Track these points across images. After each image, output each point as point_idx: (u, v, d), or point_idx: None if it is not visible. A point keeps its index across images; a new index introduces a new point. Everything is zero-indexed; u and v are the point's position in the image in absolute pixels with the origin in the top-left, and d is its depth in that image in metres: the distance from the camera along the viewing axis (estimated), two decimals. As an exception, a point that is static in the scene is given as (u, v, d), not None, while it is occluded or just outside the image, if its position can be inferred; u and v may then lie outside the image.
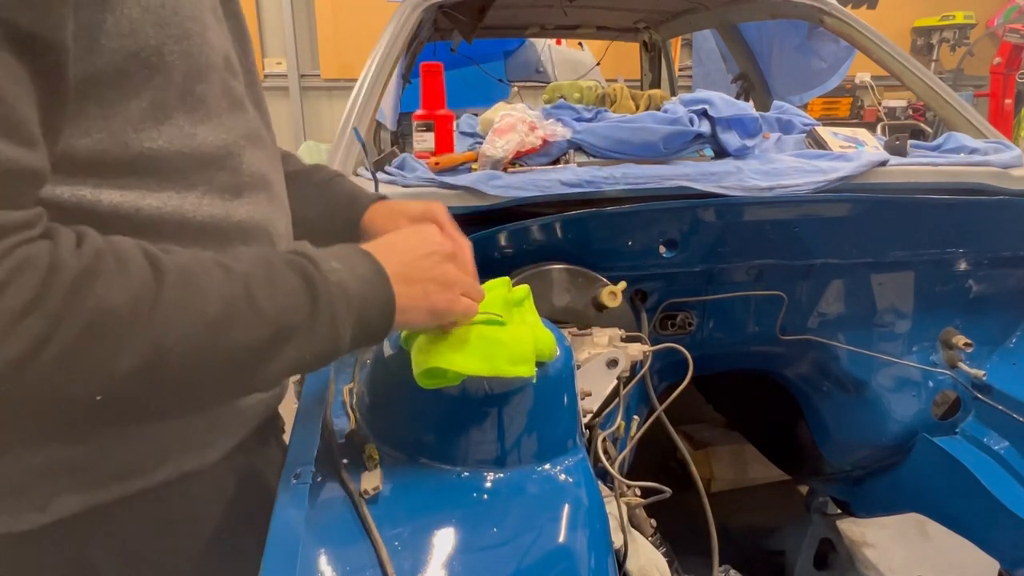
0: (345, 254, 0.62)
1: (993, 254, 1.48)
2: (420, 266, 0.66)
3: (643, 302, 1.39)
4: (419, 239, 0.69)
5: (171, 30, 0.57)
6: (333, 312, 0.58)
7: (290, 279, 0.57)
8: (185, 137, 0.61)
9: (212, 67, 0.63)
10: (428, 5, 1.81)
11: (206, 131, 0.63)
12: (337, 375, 0.85)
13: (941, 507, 1.47)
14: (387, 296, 0.62)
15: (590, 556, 0.65)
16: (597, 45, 3.89)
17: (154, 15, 0.55)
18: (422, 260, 0.66)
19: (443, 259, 0.68)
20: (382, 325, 0.63)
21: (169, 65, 0.57)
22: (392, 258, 0.64)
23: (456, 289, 0.67)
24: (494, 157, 1.37)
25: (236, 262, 0.56)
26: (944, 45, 7.09)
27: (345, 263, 0.61)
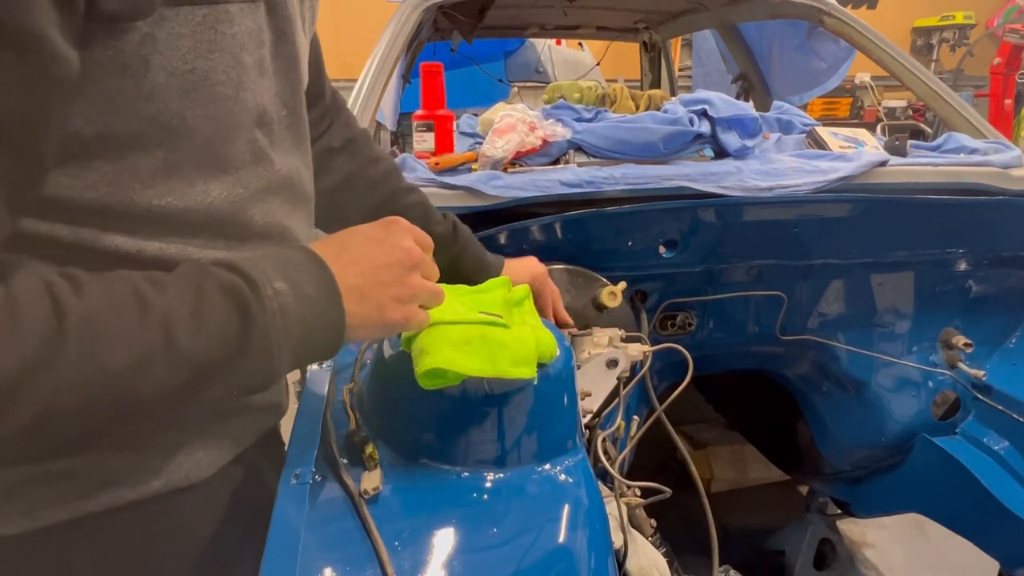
0: (297, 266, 0.58)
1: (993, 254, 1.49)
2: (380, 279, 0.61)
3: (643, 302, 1.39)
4: (384, 246, 0.63)
5: (198, 95, 0.56)
6: (268, 343, 0.54)
7: (220, 310, 0.52)
8: (197, 194, 0.59)
9: (240, 127, 0.61)
10: (428, 5, 1.81)
11: (220, 188, 0.61)
12: (337, 375, 0.85)
13: (941, 507, 1.48)
14: (336, 318, 0.58)
15: (590, 556, 0.65)
16: (597, 45, 3.89)
17: (180, 80, 0.54)
18: (383, 272, 0.62)
19: (407, 270, 0.63)
20: (327, 347, 0.60)
21: (191, 129, 0.57)
22: (351, 269, 0.60)
23: (416, 302, 0.64)
24: (494, 157, 1.37)
25: (160, 292, 0.51)
26: (944, 45, 7.10)
27: (293, 281, 0.56)
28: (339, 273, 0.59)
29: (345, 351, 0.90)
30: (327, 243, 0.62)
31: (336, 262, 0.59)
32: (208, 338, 0.51)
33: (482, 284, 0.85)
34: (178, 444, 0.66)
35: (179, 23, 0.53)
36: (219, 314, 0.52)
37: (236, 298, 0.53)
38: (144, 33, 0.51)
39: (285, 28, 0.66)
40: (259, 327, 0.53)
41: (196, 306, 0.51)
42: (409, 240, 0.65)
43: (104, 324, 0.48)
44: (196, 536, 0.70)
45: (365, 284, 0.60)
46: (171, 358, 0.50)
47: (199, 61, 0.55)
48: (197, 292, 0.52)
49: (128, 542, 0.65)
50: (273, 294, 0.54)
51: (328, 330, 0.58)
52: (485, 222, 1.23)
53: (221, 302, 0.52)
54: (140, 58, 0.51)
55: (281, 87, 0.68)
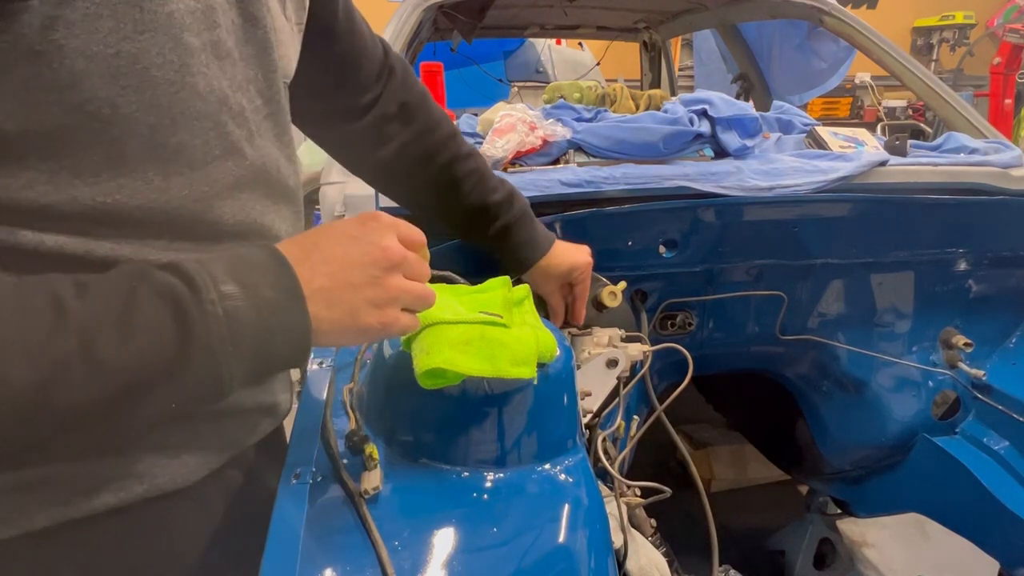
0: (254, 267, 0.53)
1: (993, 254, 1.49)
2: (352, 280, 0.56)
3: (643, 302, 1.39)
4: (359, 244, 0.57)
5: (129, 80, 0.51)
6: (211, 352, 0.49)
7: (153, 317, 0.47)
8: (154, 191, 0.55)
9: (197, 114, 0.56)
10: (428, 5, 1.81)
11: (182, 183, 0.56)
12: (337, 375, 0.85)
13: (941, 507, 1.48)
14: (299, 323, 0.53)
15: (590, 556, 0.65)
16: (597, 45, 3.89)
17: (105, 65, 0.49)
18: (356, 272, 0.56)
19: (384, 271, 0.57)
20: (292, 354, 0.55)
21: (128, 118, 0.52)
22: (319, 269, 0.55)
23: (395, 306, 0.58)
24: (494, 157, 1.37)
25: (81, 298, 0.46)
26: (944, 45, 7.10)
27: (247, 283, 0.51)
28: (306, 274, 0.54)
29: (345, 351, 0.90)
30: (295, 241, 0.58)
31: (304, 262, 0.55)
32: (137, 348, 0.47)
33: (482, 284, 0.85)
34: (163, 448, 0.62)
35: (93, 2, 0.48)
36: (152, 321, 0.47)
37: (173, 303, 0.48)
38: (46, 15, 0.46)
39: (253, 11, 0.63)
40: (199, 335, 0.48)
41: (124, 312, 0.47)
42: (389, 238, 0.59)
43: (4, 334, 0.44)
44: (186, 542, 0.67)
45: (335, 286, 0.55)
46: (90, 371, 0.45)
47: (125, 43, 0.50)
48: (128, 297, 0.48)
49: (114, 548, 0.62)
50: (218, 298, 0.49)
51: (291, 336, 0.53)
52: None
53: (155, 308, 0.48)
54: (51, 43, 0.47)
55: (253, 74, 0.64)
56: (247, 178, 0.63)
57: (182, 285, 0.49)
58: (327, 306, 0.54)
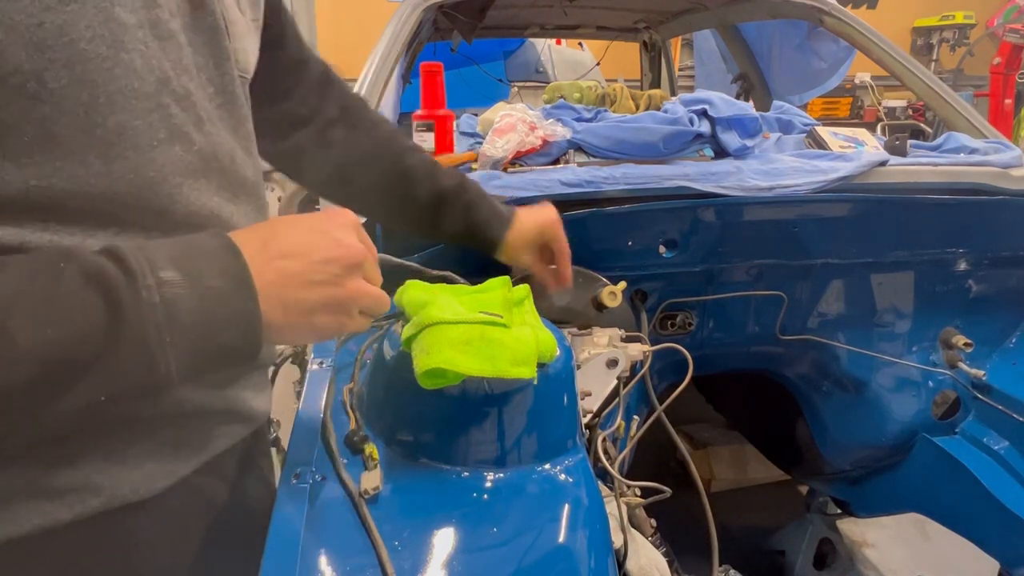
0: (201, 254, 0.50)
1: (993, 254, 1.49)
2: (310, 278, 0.53)
3: (643, 302, 1.39)
4: (322, 238, 0.55)
5: (56, 53, 0.48)
6: (145, 339, 0.46)
7: (79, 299, 0.45)
8: (94, 175, 0.51)
9: (135, 94, 0.53)
10: (428, 5, 1.81)
11: (125, 168, 0.53)
12: (337, 375, 0.85)
13: (941, 507, 1.48)
14: (246, 314, 0.50)
15: (590, 556, 0.65)
16: (597, 45, 3.89)
17: (27, 36, 0.46)
18: (316, 269, 0.54)
19: (345, 270, 0.55)
20: (241, 346, 0.51)
21: (56, 93, 0.48)
22: (274, 264, 0.52)
23: (352, 309, 0.56)
24: (494, 157, 1.37)
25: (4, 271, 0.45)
26: (944, 45, 7.10)
27: (189, 270, 0.49)
28: (260, 266, 0.51)
29: (344, 351, 0.90)
30: (252, 230, 0.55)
31: (260, 253, 0.52)
32: (58, 333, 0.44)
33: (482, 284, 0.85)
34: (123, 457, 0.58)
35: None
36: (77, 305, 0.45)
37: (103, 287, 0.45)
38: None
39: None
40: (130, 322, 0.46)
41: (46, 294, 0.44)
42: (352, 236, 0.56)
43: None
44: (155, 555, 0.63)
45: (292, 282, 0.53)
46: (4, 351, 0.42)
47: (48, 14, 0.47)
48: (52, 278, 0.45)
49: (68, 567, 0.57)
50: (155, 284, 0.47)
51: (238, 327, 0.50)
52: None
53: (82, 291, 0.45)
54: None
55: (203, 61, 0.61)
56: (197, 165, 0.59)
57: (115, 268, 0.46)
58: (281, 303, 0.52)
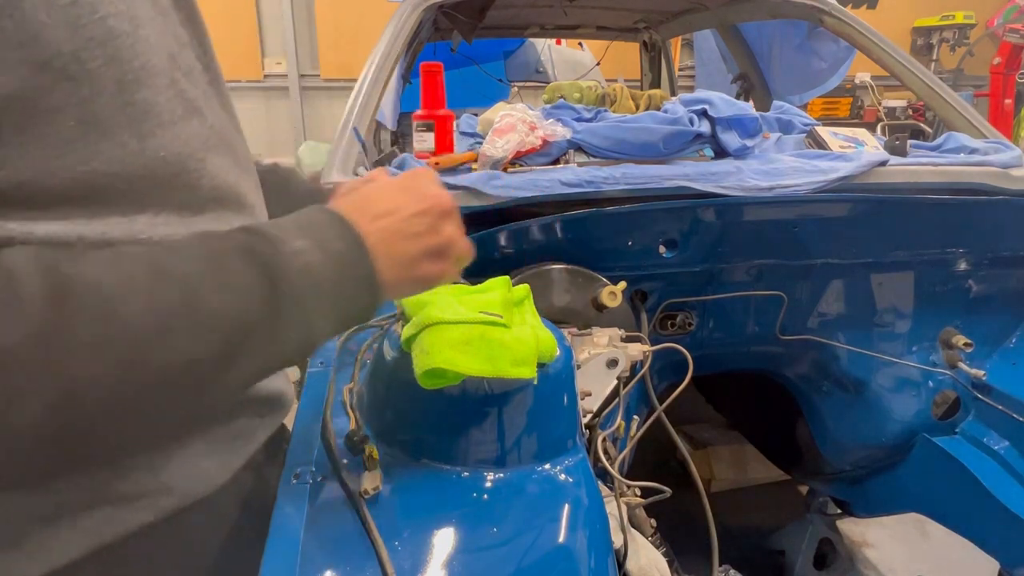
0: (315, 224, 0.53)
1: (993, 254, 1.49)
2: (410, 231, 0.56)
3: (643, 302, 1.39)
4: (411, 194, 0.58)
5: (90, 31, 0.48)
6: (301, 304, 0.50)
7: (242, 273, 0.48)
8: (130, 155, 0.52)
9: (154, 70, 0.53)
10: (428, 5, 1.81)
11: (156, 145, 0.54)
12: (337, 375, 0.85)
13: (941, 507, 1.48)
14: (367, 274, 0.53)
15: (590, 556, 0.65)
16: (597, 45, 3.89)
17: (64, 15, 0.46)
18: (414, 222, 0.56)
19: (437, 218, 0.57)
20: (365, 306, 0.55)
21: (94, 73, 0.48)
22: (375, 224, 0.54)
23: (451, 254, 0.59)
24: (494, 157, 1.37)
25: (173, 258, 0.47)
26: (944, 45, 7.10)
27: (314, 238, 0.52)
28: (363, 228, 0.54)
29: (345, 351, 0.90)
30: (347, 198, 0.57)
31: (360, 216, 0.54)
32: (235, 299, 0.47)
33: (482, 284, 0.85)
34: (188, 454, 0.61)
35: None
36: (241, 277, 0.48)
37: (258, 260, 0.49)
38: None
39: None
40: (286, 287, 0.49)
41: (216, 270, 0.47)
42: (436, 187, 0.59)
43: (113, 291, 0.44)
44: (211, 548, 0.66)
45: (394, 238, 0.55)
46: (193, 326, 0.45)
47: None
48: (214, 258, 0.48)
49: (146, 567, 0.60)
50: (295, 253, 0.50)
51: (363, 285, 0.54)
52: (485, 222, 1.23)
53: (242, 265, 0.48)
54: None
55: (188, 37, 0.61)
56: (213, 140, 0.60)
57: (261, 242, 0.49)
58: (388, 258, 0.54)
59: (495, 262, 1.20)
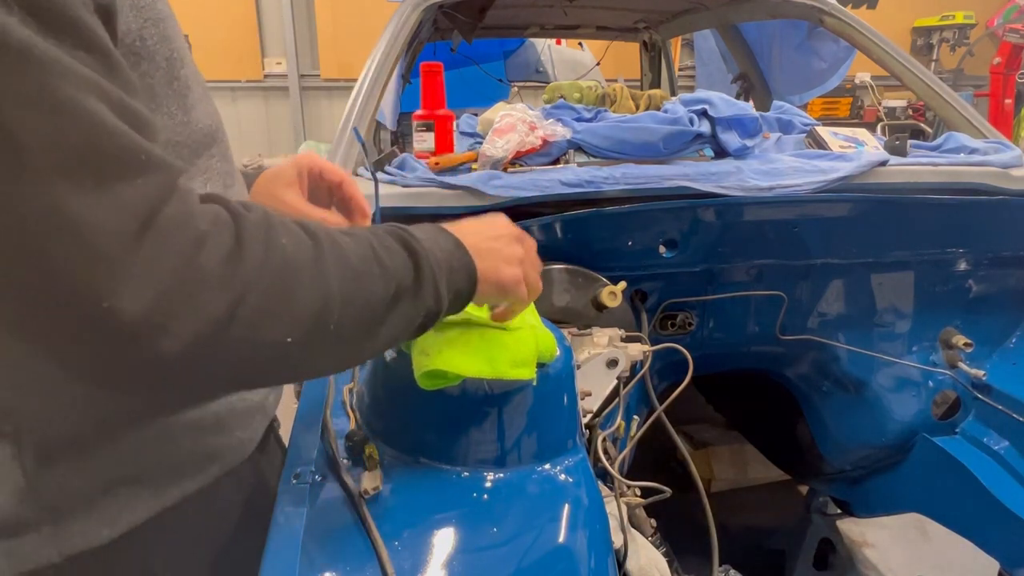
0: (423, 230, 0.65)
1: (993, 254, 1.49)
2: (492, 246, 0.68)
3: (643, 302, 1.39)
4: (489, 224, 0.72)
5: (148, 13, 0.55)
6: (434, 276, 0.60)
7: (395, 244, 0.59)
8: (179, 125, 0.60)
9: (183, 51, 0.61)
10: (428, 5, 1.81)
11: (196, 117, 0.62)
12: (337, 375, 0.85)
13: (941, 507, 1.48)
14: (470, 265, 0.65)
15: (590, 556, 0.65)
16: (597, 45, 3.89)
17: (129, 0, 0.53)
18: (493, 240, 0.69)
19: (512, 240, 0.70)
20: (468, 290, 0.66)
21: (151, 50, 0.56)
22: (468, 237, 0.67)
23: (524, 267, 0.70)
24: (494, 157, 1.37)
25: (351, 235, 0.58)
26: (944, 45, 7.10)
27: (428, 235, 0.63)
28: (462, 238, 0.66)
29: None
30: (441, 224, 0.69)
31: (456, 230, 0.67)
32: (396, 263, 0.58)
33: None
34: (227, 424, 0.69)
35: None
36: (396, 247, 0.59)
37: (400, 239, 0.60)
38: None
39: None
40: (424, 263, 0.60)
41: (379, 239, 0.59)
42: (507, 222, 0.73)
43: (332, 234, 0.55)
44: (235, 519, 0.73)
45: (480, 245, 0.67)
46: (380, 273, 0.56)
47: None
48: (373, 231, 0.60)
49: (193, 533, 0.68)
50: (423, 239, 0.62)
51: (467, 275, 0.65)
52: (485, 222, 1.23)
53: (392, 239, 0.60)
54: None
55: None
56: (218, 116, 0.69)
57: (398, 229, 0.61)
58: (478, 257, 0.66)
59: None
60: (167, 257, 0.43)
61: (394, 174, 1.37)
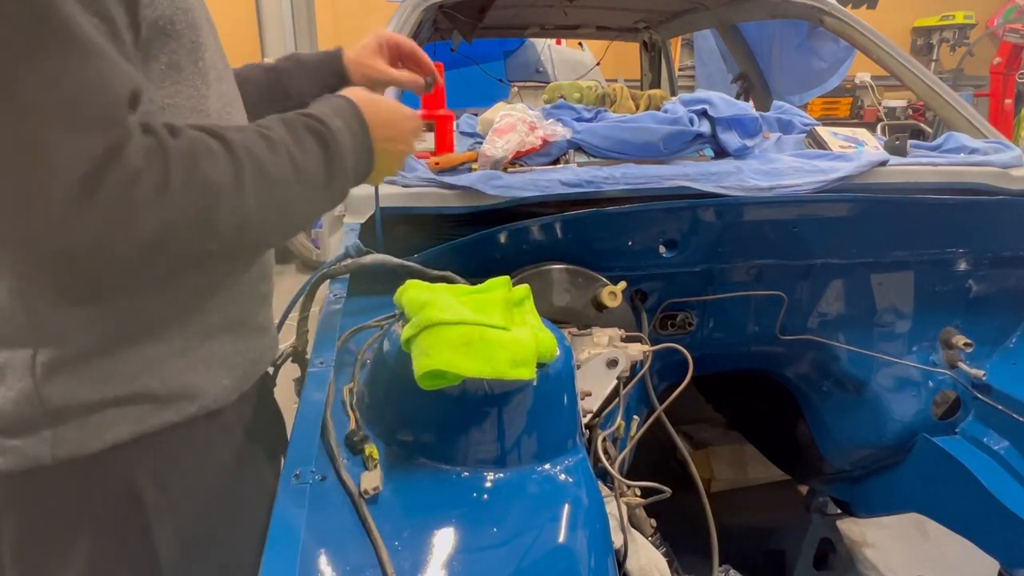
0: (340, 109, 0.78)
1: (993, 254, 1.48)
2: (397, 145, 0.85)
3: (643, 302, 1.39)
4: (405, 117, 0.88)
5: (179, 4, 0.68)
6: (341, 164, 0.74)
7: (312, 143, 0.71)
8: (199, 98, 0.73)
9: (207, 39, 0.74)
10: (428, 5, 1.81)
11: (217, 92, 0.75)
12: (337, 375, 0.84)
13: (941, 507, 1.47)
14: (369, 147, 0.80)
15: (590, 556, 0.65)
16: (597, 45, 3.89)
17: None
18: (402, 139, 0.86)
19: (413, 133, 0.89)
20: (364, 173, 0.81)
21: (179, 33, 0.68)
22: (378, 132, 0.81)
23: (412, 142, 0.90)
24: (494, 157, 1.37)
25: (271, 130, 0.69)
26: (944, 45, 7.11)
27: (343, 119, 0.76)
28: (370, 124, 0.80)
29: (345, 351, 0.90)
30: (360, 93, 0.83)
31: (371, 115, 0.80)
32: (311, 160, 0.71)
33: (482, 284, 0.85)
34: (211, 369, 0.78)
35: None
36: (312, 144, 0.71)
37: (319, 137, 0.72)
38: None
39: None
40: (335, 154, 0.73)
41: (296, 138, 0.70)
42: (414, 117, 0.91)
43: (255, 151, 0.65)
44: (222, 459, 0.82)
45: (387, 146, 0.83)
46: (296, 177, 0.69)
47: None
48: (293, 131, 0.71)
49: (176, 461, 0.76)
50: (338, 129, 0.74)
51: (368, 155, 0.80)
52: (485, 222, 1.23)
53: (310, 138, 0.72)
54: None
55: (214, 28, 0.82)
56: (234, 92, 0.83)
57: (319, 124, 0.73)
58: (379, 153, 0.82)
59: (495, 262, 1.20)
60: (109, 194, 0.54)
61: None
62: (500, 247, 1.20)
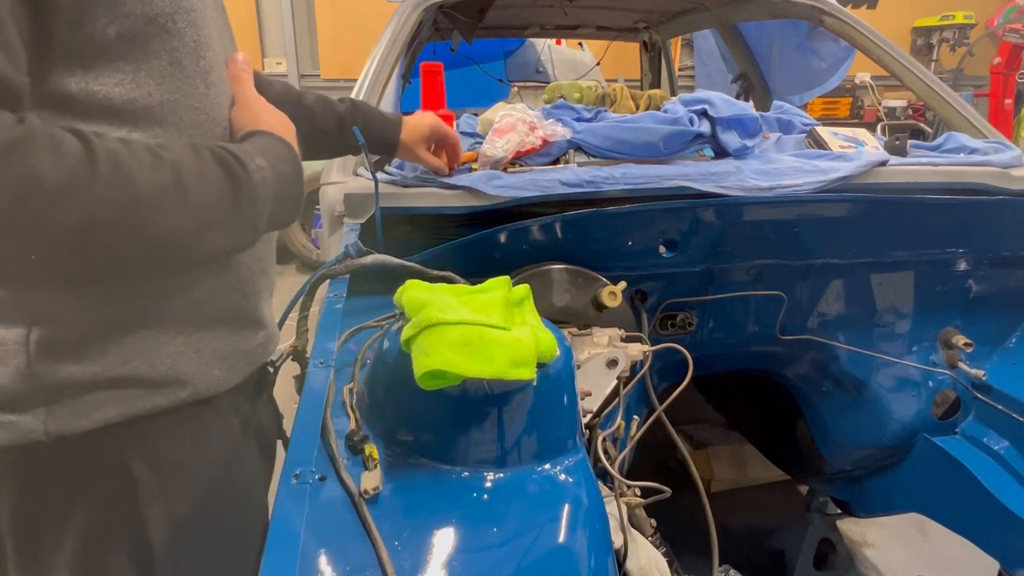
0: (270, 147, 0.76)
1: (993, 254, 1.48)
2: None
3: (643, 302, 1.39)
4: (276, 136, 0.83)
5: (181, 3, 0.69)
6: (253, 203, 0.71)
7: (215, 172, 0.68)
8: (199, 96, 0.74)
9: (210, 38, 0.75)
10: (428, 5, 1.81)
11: (215, 92, 0.77)
12: (337, 375, 0.84)
13: (941, 507, 1.47)
14: (300, 190, 0.79)
15: (590, 556, 0.65)
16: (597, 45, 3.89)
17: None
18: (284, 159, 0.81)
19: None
20: (291, 215, 0.80)
21: (181, 31, 0.70)
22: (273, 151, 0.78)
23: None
24: (494, 157, 1.37)
25: (168, 150, 0.65)
26: (944, 45, 7.11)
27: (270, 159, 0.74)
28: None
29: (345, 351, 0.90)
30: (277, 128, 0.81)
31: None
32: (208, 190, 0.67)
33: (482, 284, 0.85)
34: (204, 357, 0.79)
35: None
36: (214, 176, 0.68)
37: (228, 169, 0.69)
38: None
39: None
40: (245, 192, 0.70)
41: (197, 164, 0.67)
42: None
43: (126, 161, 0.61)
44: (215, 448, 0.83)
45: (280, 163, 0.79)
46: (181, 198, 0.64)
47: None
48: (197, 157, 0.67)
49: (170, 446, 0.78)
50: (256, 169, 0.72)
51: (295, 199, 0.79)
52: (485, 222, 1.23)
53: (216, 168, 0.68)
54: None
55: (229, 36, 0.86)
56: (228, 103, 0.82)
57: (231, 158, 0.70)
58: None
59: (495, 262, 1.20)
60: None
61: (394, 174, 1.37)
62: (500, 247, 1.20)
